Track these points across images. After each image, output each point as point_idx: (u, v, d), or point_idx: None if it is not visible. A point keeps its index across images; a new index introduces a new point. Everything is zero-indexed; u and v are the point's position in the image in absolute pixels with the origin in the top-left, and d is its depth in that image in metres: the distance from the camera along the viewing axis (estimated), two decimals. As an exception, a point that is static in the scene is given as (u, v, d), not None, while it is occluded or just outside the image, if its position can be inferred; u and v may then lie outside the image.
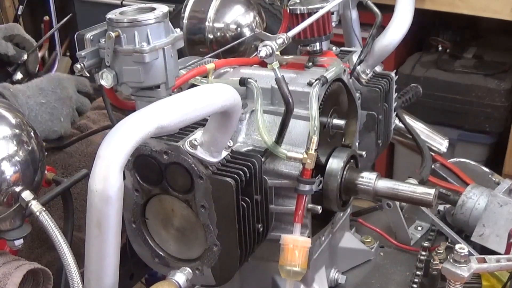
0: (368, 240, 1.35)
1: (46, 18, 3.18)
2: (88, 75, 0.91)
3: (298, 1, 1.15)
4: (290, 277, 0.99)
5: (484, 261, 1.02)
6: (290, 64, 1.16)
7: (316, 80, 1.05)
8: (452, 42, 3.00)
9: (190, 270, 0.96)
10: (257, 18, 1.37)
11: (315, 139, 1.00)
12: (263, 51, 0.97)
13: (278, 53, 1.01)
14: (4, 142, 0.90)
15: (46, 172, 1.11)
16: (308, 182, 1.00)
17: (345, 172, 1.09)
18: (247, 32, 1.32)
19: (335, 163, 1.09)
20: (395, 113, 1.39)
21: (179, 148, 0.91)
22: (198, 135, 0.92)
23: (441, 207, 1.45)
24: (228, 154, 0.96)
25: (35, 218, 0.88)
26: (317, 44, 1.17)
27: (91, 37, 0.91)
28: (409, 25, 1.26)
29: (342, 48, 1.29)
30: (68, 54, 3.30)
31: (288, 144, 1.04)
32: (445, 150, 1.60)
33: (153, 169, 0.94)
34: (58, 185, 1.12)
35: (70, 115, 1.27)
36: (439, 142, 1.60)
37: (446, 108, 2.80)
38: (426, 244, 1.31)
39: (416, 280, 1.24)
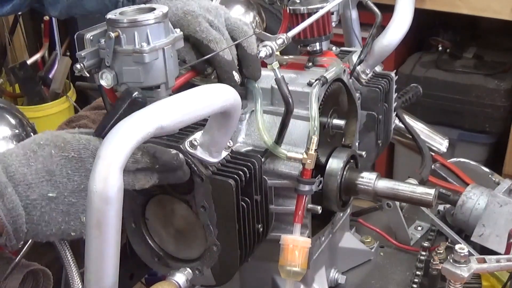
0: (368, 240, 1.35)
1: (46, 18, 3.18)
2: (88, 75, 0.91)
3: (298, 1, 1.15)
4: (290, 277, 0.99)
5: (484, 261, 1.02)
6: (290, 64, 1.16)
7: (316, 80, 1.05)
8: (452, 42, 3.00)
9: (190, 270, 0.96)
10: (257, 18, 1.37)
11: (315, 139, 1.00)
12: (263, 51, 0.97)
13: (278, 53, 1.01)
14: (4, 142, 0.90)
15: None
16: (308, 182, 1.00)
17: (345, 172, 1.09)
18: (247, 32, 1.32)
19: (335, 163, 1.09)
20: (395, 113, 1.39)
21: (179, 148, 0.91)
22: (198, 135, 0.92)
23: (441, 207, 1.45)
24: (228, 154, 0.96)
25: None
26: (317, 44, 1.17)
27: (91, 37, 0.91)
28: (409, 25, 1.26)
29: (342, 48, 1.29)
30: (68, 54, 3.31)
31: (288, 144, 1.04)
32: (445, 150, 1.60)
33: (153, 169, 0.94)
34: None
35: None
36: (439, 142, 1.60)
37: (446, 108, 2.80)
38: (426, 244, 1.31)
39: (416, 280, 1.24)
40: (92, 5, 1.14)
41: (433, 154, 1.48)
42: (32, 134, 0.96)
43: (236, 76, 1.00)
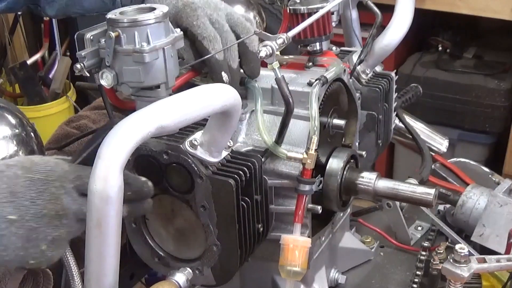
0: (368, 240, 1.35)
1: (46, 18, 3.18)
2: (88, 75, 0.91)
3: (298, 1, 1.15)
4: (290, 277, 0.99)
5: (484, 261, 1.03)
6: (290, 64, 1.16)
7: (316, 80, 1.05)
8: (452, 42, 3.00)
9: (190, 270, 0.96)
10: (257, 18, 1.37)
11: (315, 139, 1.00)
12: (263, 51, 0.97)
13: (278, 53, 1.01)
14: (4, 142, 0.90)
15: (46, 172, 1.10)
16: (308, 182, 1.00)
17: (345, 172, 1.09)
18: (247, 32, 1.32)
19: (335, 163, 1.09)
20: (395, 113, 1.39)
21: (179, 148, 0.91)
22: (198, 135, 0.92)
23: (441, 207, 1.45)
24: (228, 154, 0.96)
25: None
26: (317, 44, 1.17)
27: (91, 37, 0.91)
28: (409, 25, 1.26)
29: (342, 48, 1.29)
30: (68, 54, 3.31)
31: (288, 144, 1.04)
32: (445, 150, 1.60)
33: (153, 169, 0.94)
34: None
35: (60, 239, 0.80)
36: (439, 142, 1.60)
37: (446, 108, 2.81)
38: (426, 244, 1.31)
39: (416, 280, 1.24)
40: (90, 2, 1.14)
41: (433, 154, 1.48)
42: (32, 134, 0.96)
43: (225, 77, 1.00)
